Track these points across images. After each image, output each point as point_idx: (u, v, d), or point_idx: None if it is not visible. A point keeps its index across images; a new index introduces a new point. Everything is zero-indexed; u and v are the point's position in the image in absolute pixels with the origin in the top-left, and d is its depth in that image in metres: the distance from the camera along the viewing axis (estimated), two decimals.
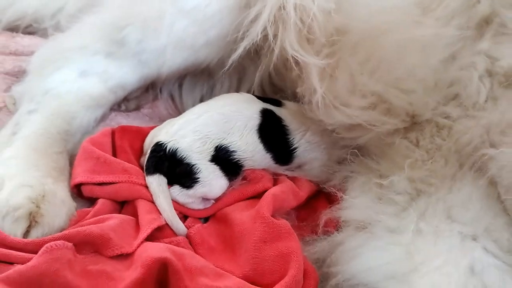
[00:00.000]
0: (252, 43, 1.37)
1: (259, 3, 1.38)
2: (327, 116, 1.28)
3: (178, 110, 1.63)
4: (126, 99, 1.58)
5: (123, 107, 1.60)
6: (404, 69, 1.21)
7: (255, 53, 1.43)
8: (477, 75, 1.16)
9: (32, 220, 1.11)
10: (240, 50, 1.39)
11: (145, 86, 1.57)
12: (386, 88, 1.23)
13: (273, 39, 1.36)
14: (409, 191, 1.17)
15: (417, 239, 1.10)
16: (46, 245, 1.00)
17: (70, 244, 1.03)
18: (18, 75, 1.64)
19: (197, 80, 1.63)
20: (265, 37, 1.37)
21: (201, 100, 1.63)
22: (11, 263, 1.02)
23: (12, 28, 1.85)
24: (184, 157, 1.23)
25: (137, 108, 1.64)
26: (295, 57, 1.31)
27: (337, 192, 1.25)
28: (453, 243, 1.07)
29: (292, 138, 1.35)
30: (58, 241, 1.01)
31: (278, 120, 1.36)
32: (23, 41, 1.79)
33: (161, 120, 1.61)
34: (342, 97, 1.27)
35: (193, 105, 1.58)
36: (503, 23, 1.16)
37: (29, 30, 1.85)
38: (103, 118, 1.52)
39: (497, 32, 1.17)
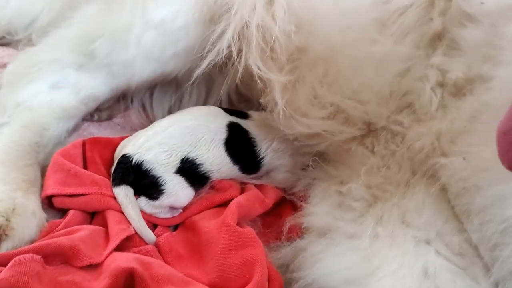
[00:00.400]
0: (218, 59, 1.42)
1: (224, 20, 1.42)
2: (287, 126, 1.34)
3: (149, 119, 1.67)
4: (98, 109, 1.61)
5: (95, 117, 1.64)
6: (360, 82, 1.28)
7: (223, 65, 1.47)
8: (430, 86, 1.22)
9: (2, 234, 1.14)
10: (204, 65, 1.43)
11: (117, 97, 1.60)
12: (344, 100, 1.29)
13: (237, 56, 1.40)
14: (366, 198, 1.22)
15: (374, 244, 1.14)
16: (14, 258, 1.03)
17: (38, 257, 1.06)
18: None
19: (167, 90, 1.67)
20: (230, 52, 1.41)
21: (171, 109, 1.67)
22: None
23: None
24: (150, 170, 1.27)
25: (109, 117, 1.67)
26: (259, 74, 1.36)
27: (298, 201, 1.31)
28: (408, 247, 1.12)
29: (259, 149, 1.40)
30: (27, 254, 1.05)
31: (245, 132, 1.40)
32: None
33: (133, 129, 1.65)
34: (302, 108, 1.32)
35: (163, 115, 1.64)
36: (453, 39, 1.23)
37: (1, 42, 1.87)
38: (75, 129, 1.55)
39: (448, 47, 1.24)
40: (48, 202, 1.29)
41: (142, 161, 1.27)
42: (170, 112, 1.65)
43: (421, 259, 1.09)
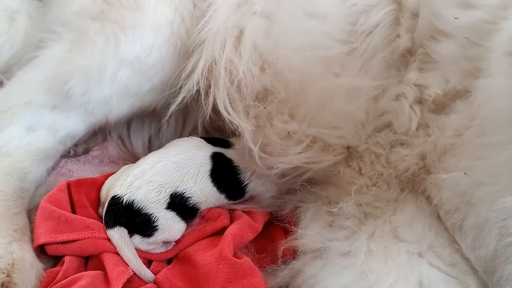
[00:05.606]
0: (190, 95, 1.43)
1: (195, 56, 1.43)
2: (268, 167, 1.37)
3: (128, 150, 1.67)
4: (74, 144, 1.60)
5: (71, 152, 1.62)
6: (332, 112, 1.31)
7: (198, 95, 1.47)
8: (408, 104, 1.26)
9: None
10: (178, 101, 1.44)
11: (94, 131, 1.60)
12: (319, 130, 1.32)
13: (205, 95, 1.42)
14: (357, 215, 1.26)
15: (369, 260, 1.18)
16: None
17: None
18: None
19: (144, 121, 1.67)
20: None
21: (150, 139, 1.68)
22: None
23: None
24: (141, 208, 1.29)
25: (86, 151, 1.66)
26: (227, 118, 1.38)
27: (289, 225, 1.33)
28: (402, 261, 1.16)
29: (243, 177, 1.42)
30: None
31: (228, 161, 1.42)
32: None
33: (111, 161, 1.65)
34: (278, 149, 1.35)
35: (143, 145, 1.65)
36: (426, 53, 1.26)
37: None
38: (53, 167, 1.54)
39: (422, 61, 1.27)
40: (39, 249, 1.28)
41: (133, 201, 1.29)
42: (149, 142, 1.67)
43: (416, 271, 1.14)
